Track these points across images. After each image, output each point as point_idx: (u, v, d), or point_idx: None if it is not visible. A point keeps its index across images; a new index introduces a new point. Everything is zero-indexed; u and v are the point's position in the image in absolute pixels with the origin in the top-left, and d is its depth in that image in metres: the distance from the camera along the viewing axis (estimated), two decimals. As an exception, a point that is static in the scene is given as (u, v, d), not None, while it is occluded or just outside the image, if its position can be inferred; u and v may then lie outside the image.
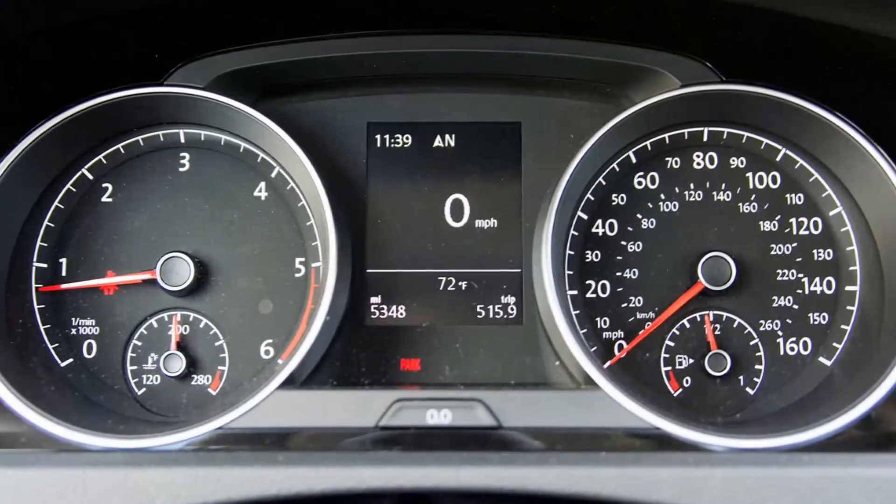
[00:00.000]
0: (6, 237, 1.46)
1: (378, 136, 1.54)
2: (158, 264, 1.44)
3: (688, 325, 1.47)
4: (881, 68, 1.36)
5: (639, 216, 1.50)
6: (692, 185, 1.51)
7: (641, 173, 1.52)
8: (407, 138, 1.54)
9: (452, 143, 1.54)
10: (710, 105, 1.49)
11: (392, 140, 1.54)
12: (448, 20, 1.47)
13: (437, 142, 1.54)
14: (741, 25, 1.38)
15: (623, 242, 1.49)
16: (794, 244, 1.49)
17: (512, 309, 1.49)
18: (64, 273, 1.48)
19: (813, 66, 1.42)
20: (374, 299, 1.49)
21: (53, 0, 1.27)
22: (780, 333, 1.46)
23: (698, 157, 1.53)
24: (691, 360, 1.46)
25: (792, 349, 1.46)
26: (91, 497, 1.02)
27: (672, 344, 1.47)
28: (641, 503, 1.01)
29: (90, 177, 1.51)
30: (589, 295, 1.48)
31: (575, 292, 1.47)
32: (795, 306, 1.47)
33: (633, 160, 1.52)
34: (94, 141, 1.51)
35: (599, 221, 1.50)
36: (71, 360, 1.46)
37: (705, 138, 1.53)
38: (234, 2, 1.40)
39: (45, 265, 1.47)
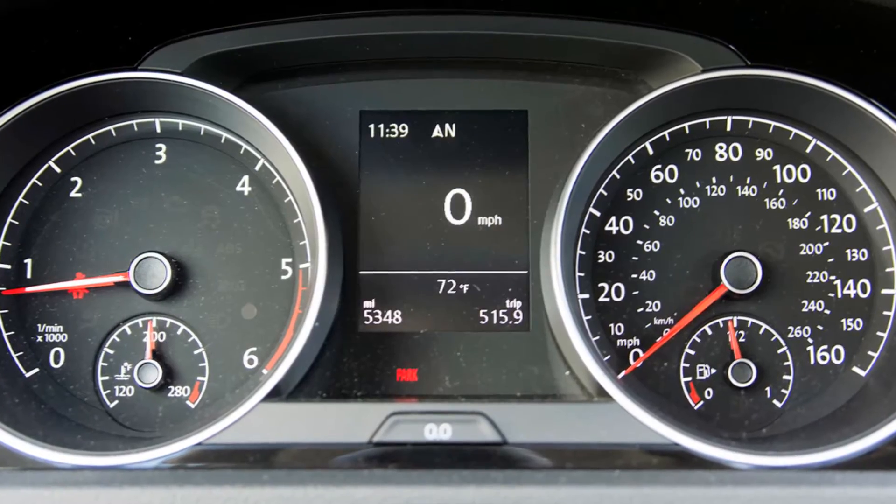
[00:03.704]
0: (-34, 236, 1.46)
1: (372, 126, 1.54)
2: (132, 265, 1.44)
3: (709, 332, 1.47)
4: (920, 52, 1.37)
5: (656, 213, 1.50)
6: (714, 179, 1.51)
7: (659, 166, 1.52)
8: (403, 128, 1.54)
9: (453, 134, 1.54)
10: (734, 92, 1.49)
11: (387, 130, 1.54)
12: (448, -1, 1.48)
13: (437, 132, 1.54)
14: (767, 4, 1.38)
15: (639, 242, 1.49)
16: (826, 243, 1.49)
17: (518, 314, 1.49)
18: (29, 275, 1.48)
19: (845, 50, 1.42)
20: (368, 303, 1.49)
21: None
22: (810, 341, 1.46)
23: (721, 148, 1.53)
24: (713, 370, 1.46)
25: (823, 358, 1.46)
26: (58, 519, 1.02)
27: (692, 352, 1.47)
28: (659, 526, 1.02)
29: (58, 170, 1.51)
30: (602, 299, 1.48)
31: (586, 296, 1.47)
32: (827, 311, 1.47)
33: (650, 152, 1.52)
34: (62, 131, 1.51)
35: (613, 219, 1.50)
36: (36, 369, 1.46)
37: (729, 128, 1.53)
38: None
39: (8, 266, 1.47)
